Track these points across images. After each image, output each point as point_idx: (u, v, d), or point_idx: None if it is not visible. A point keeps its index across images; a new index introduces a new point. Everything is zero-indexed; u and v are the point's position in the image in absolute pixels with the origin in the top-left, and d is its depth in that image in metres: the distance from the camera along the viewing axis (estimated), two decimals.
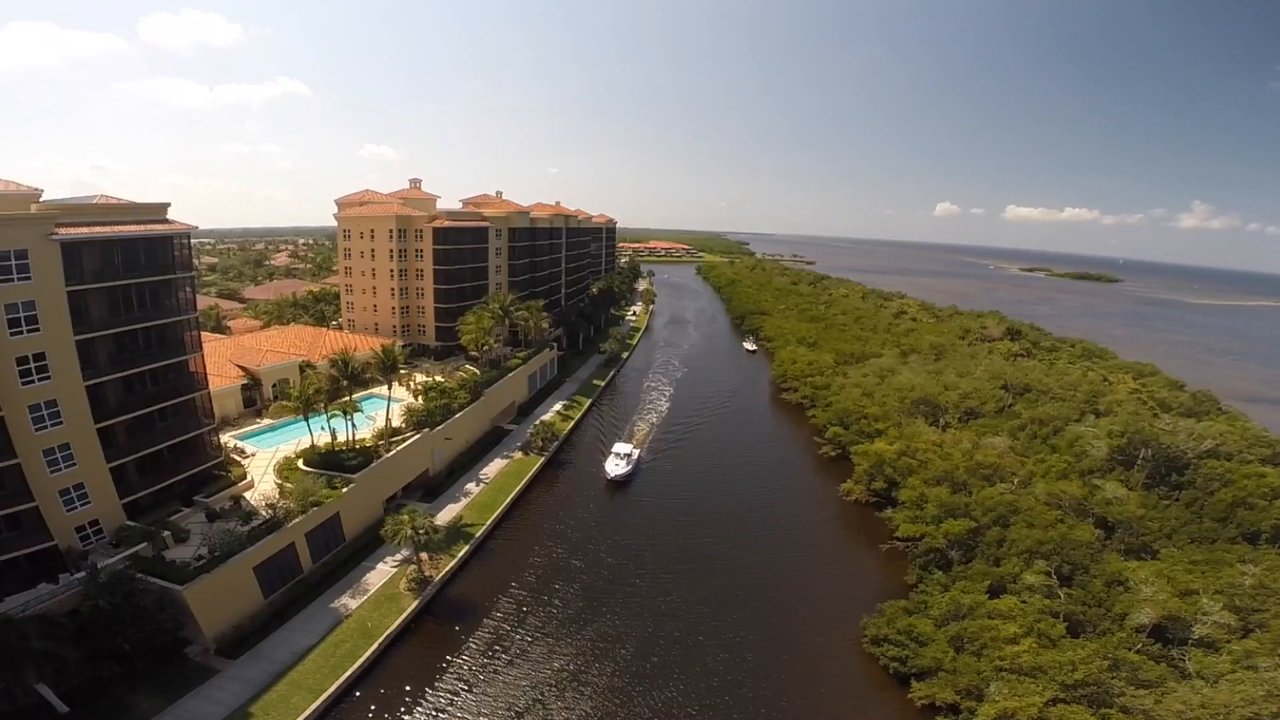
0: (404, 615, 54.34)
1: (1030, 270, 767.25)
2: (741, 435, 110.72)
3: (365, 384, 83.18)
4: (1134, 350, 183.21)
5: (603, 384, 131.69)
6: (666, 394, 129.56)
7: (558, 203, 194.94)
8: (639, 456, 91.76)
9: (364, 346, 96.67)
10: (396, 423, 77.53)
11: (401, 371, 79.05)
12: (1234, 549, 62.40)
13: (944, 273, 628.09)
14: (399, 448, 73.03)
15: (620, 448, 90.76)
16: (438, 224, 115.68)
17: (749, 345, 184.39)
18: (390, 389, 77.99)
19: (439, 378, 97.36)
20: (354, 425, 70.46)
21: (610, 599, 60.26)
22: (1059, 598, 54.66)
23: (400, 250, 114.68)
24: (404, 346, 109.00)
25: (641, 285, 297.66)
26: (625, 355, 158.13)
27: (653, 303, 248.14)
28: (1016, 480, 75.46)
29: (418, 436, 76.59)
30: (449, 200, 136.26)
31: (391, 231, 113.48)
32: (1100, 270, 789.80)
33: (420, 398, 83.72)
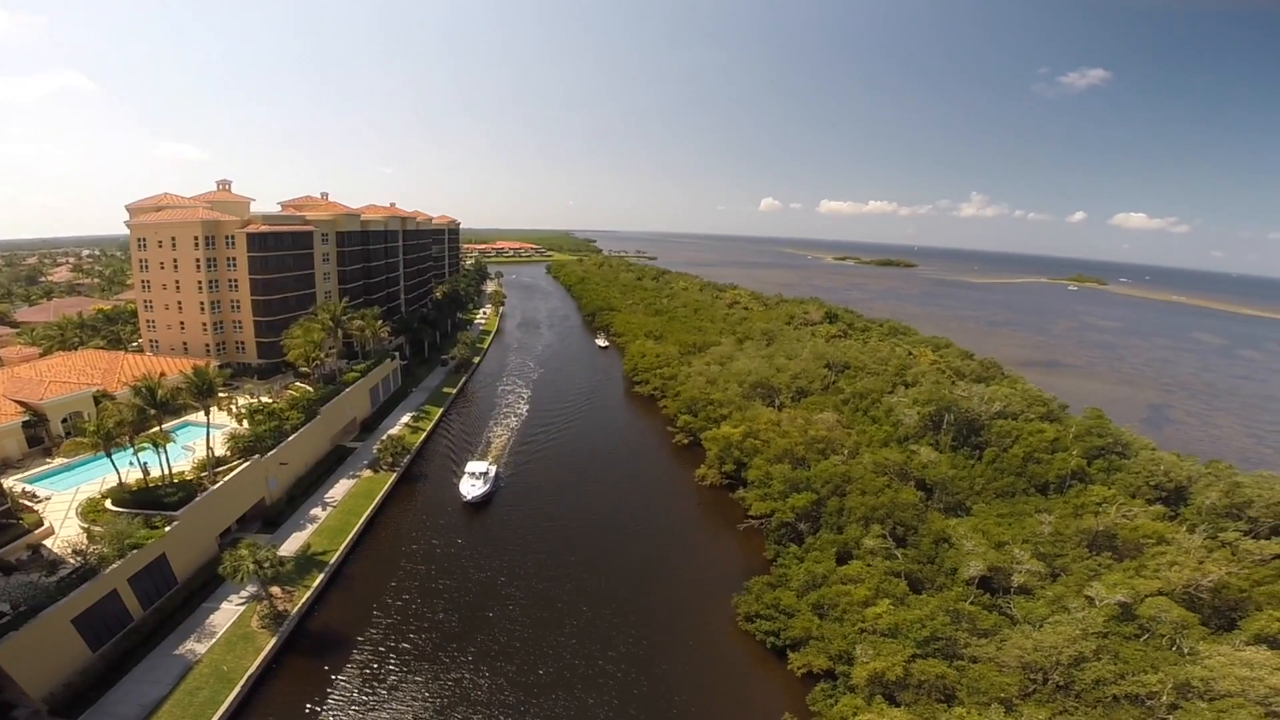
0: (263, 654, 50.05)
1: (842, 259, 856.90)
2: (601, 433, 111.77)
3: (178, 412, 75.97)
4: (930, 326, 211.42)
5: (454, 392, 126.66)
6: (524, 397, 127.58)
7: (393, 204, 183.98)
8: (496, 473, 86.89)
9: (172, 369, 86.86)
10: (220, 451, 70.28)
11: (220, 395, 70.66)
12: (1030, 500, 73.07)
13: (769, 264, 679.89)
14: (226, 478, 65.92)
15: (474, 466, 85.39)
16: (252, 229, 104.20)
17: (601, 341, 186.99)
18: (209, 415, 69.43)
19: (266, 398, 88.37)
20: (168, 458, 62.43)
21: (487, 614, 58.46)
22: (897, 558, 60.82)
23: (209, 260, 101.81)
24: (221, 367, 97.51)
25: (490, 287, 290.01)
26: (477, 360, 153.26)
27: (502, 304, 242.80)
28: (846, 451, 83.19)
29: (247, 464, 69.62)
30: (267, 203, 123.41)
31: (197, 239, 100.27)
32: (900, 257, 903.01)
33: (245, 422, 75.44)
